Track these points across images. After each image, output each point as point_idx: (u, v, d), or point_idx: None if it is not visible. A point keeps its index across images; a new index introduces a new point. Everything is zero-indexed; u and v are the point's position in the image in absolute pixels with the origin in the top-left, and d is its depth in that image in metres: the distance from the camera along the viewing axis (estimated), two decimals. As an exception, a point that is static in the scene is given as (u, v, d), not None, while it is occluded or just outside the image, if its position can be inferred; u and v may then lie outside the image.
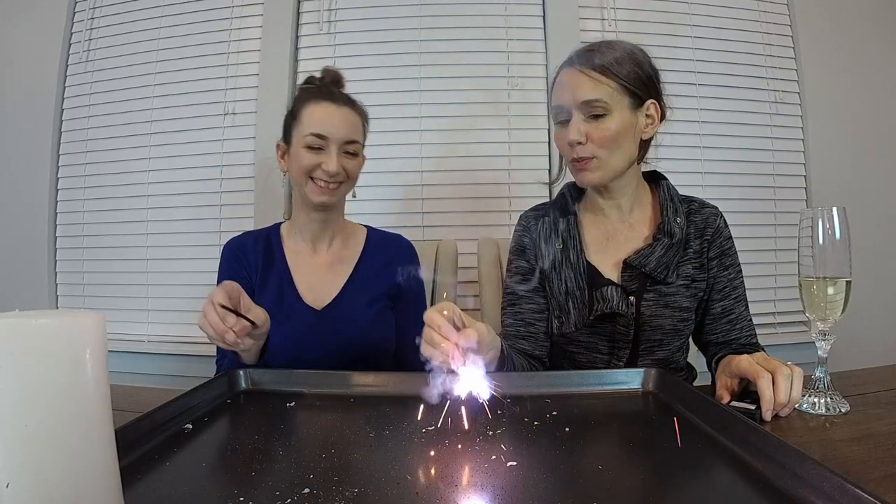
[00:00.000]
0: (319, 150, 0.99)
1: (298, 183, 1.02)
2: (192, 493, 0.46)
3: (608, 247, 0.95)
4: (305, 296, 1.04)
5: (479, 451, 0.53)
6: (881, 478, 0.48)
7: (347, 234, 1.13)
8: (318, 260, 1.09)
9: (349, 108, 1.03)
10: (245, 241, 1.09)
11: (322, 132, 0.98)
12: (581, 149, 0.87)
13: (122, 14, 1.81)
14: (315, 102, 1.01)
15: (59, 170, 1.83)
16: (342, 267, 1.09)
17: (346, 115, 1.02)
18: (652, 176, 1.01)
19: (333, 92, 1.03)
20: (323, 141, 0.98)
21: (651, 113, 0.89)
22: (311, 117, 1.00)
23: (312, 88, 1.04)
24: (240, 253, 1.08)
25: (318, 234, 1.09)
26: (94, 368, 0.36)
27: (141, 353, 1.70)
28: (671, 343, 0.93)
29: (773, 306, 1.70)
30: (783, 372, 0.64)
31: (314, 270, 1.08)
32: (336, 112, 1.00)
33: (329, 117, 1.00)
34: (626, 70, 0.86)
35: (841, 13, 1.75)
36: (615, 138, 0.86)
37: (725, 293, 0.93)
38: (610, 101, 0.85)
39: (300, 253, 1.09)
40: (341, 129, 1.00)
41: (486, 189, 1.69)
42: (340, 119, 1.00)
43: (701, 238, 0.93)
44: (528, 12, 1.73)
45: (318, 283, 1.06)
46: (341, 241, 1.12)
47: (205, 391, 0.71)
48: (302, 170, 1.00)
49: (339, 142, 0.99)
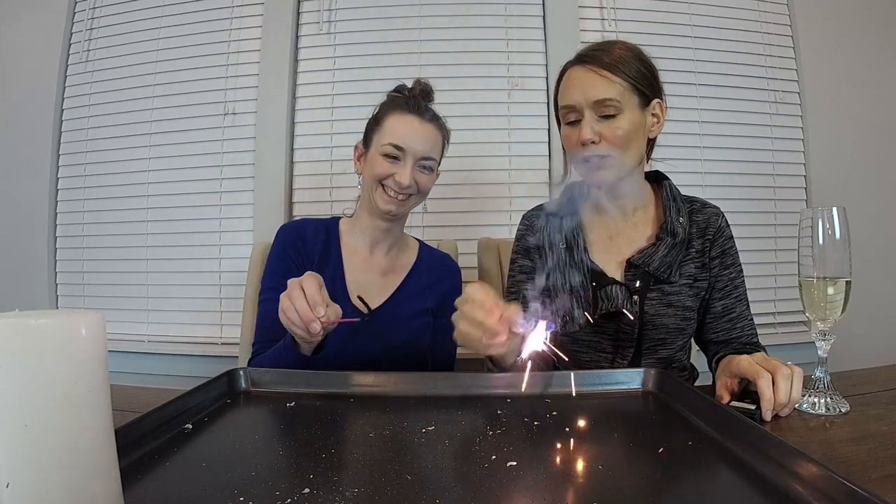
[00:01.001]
0: (395, 160, 0.99)
1: (369, 187, 1.02)
2: (192, 493, 0.46)
3: (611, 246, 0.96)
4: (355, 297, 1.03)
5: (479, 451, 0.53)
6: (881, 478, 0.48)
7: (403, 246, 1.14)
8: (373, 264, 1.09)
9: (433, 124, 1.03)
10: (305, 228, 1.08)
11: (402, 144, 0.98)
12: (595, 148, 0.86)
13: (122, 14, 1.81)
14: (400, 113, 1.01)
15: (59, 170, 1.82)
16: (394, 276, 1.09)
17: (428, 130, 1.01)
18: (654, 176, 1.01)
19: (420, 105, 1.03)
20: (400, 152, 0.98)
21: (657, 112, 0.90)
22: (393, 127, 1.00)
23: (400, 98, 1.04)
24: (298, 240, 1.06)
25: (378, 239, 1.09)
26: (94, 368, 0.36)
27: (141, 353, 1.70)
28: (674, 342, 0.93)
29: (773, 306, 1.70)
30: (783, 372, 0.64)
31: (367, 273, 1.07)
32: (419, 126, 1.00)
33: (411, 131, 0.99)
34: (634, 69, 0.86)
35: (841, 13, 1.75)
36: (627, 137, 0.86)
37: (726, 292, 0.94)
38: (622, 101, 0.85)
39: (357, 253, 1.09)
40: (421, 144, 1.00)
41: (486, 189, 1.69)
42: (422, 134, 1.00)
43: (703, 238, 0.94)
44: (528, 12, 1.73)
45: (369, 287, 1.05)
46: (397, 251, 1.12)
47: (205, 391, 0.70)
48: (375, 176, 1.00)
49: (416, 156, 0.99)
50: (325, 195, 1.70)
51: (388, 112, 1.02)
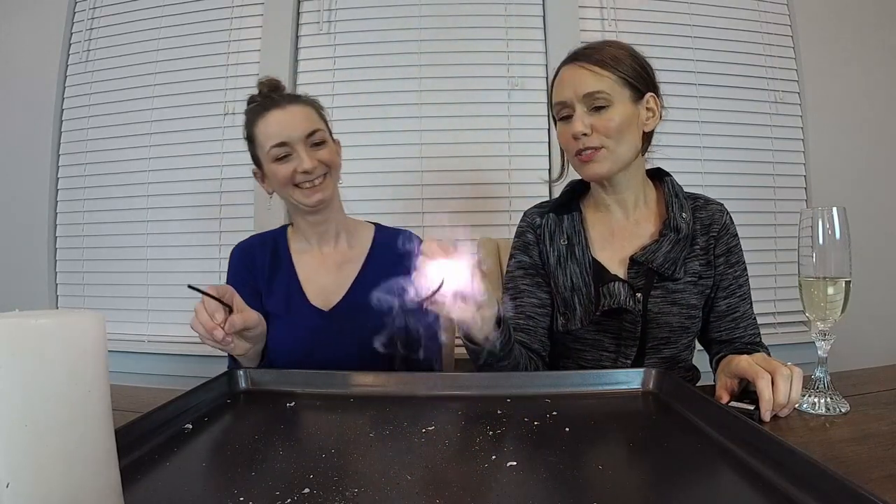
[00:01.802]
0: (287, 156, 0.98)
1: (287, 195, 1.01)
2: (192, 493, 0.46)
3: (613, 243, 0.95)
4: (313, 297, 1.03)
5: (479, 451, 0.53)
6: (881, 478, 0.48)
7: (353, 233, 1.12)
8: (325, 260, 1.08)
9: (294, 104, 1.01)
10: (252, 246, 1.09)
11: (280, 139, 0.97)
12: (587, 139, 0.87)
13: (122, 14, 1.81)
14: (262, 117, 1.00)
15: (59, 170, 1.83)
16: (350, 266, 1.07)
17: (293, 112, 1.00)
18: (656, 173, 1.01)
19: (274, 98, 1.02)
20: (286, 147, 0.97)
21: (651, 106, 0.91)
22: (264, 133, 0.99)
23: (255, 105, 1.03)
24: (247, 258, 1.07)
25: (321, 235, 1.08)
26: (94, 368, 0.36)
27: (141, 353, 1.70)
28: (678, 341, 0.93)
29: (773, 306, 1.70)
30: (782, 373, 0.64)
31: (321, 271, 1.06)
32: (284, 114, 0.99)
33: (279, 123, 0.98)
34: (624, 64, 0.88)
35: (841, 14, 1.75)
36: (620, 129, 0.87)
37: (731, 291, 0.93)
38: (611, 93, 0.86)
39: (306, 253, 1.08)
40: (297, 126, 0.98)
41: (486, 189, 1.69)
42: (291, 118, 0.99)
43: (707, 234, 0.93)
44: (528, 12, 1.73)
45: (326, 284, 1.05)
46: (347, 240, 1.10)
47: (205, 391, 0.71)
48: (282, 182, 0.99)
49: (300, 139, 0.98)
50: (325, 195, 1.70)
51: (252, 124, 1.01)
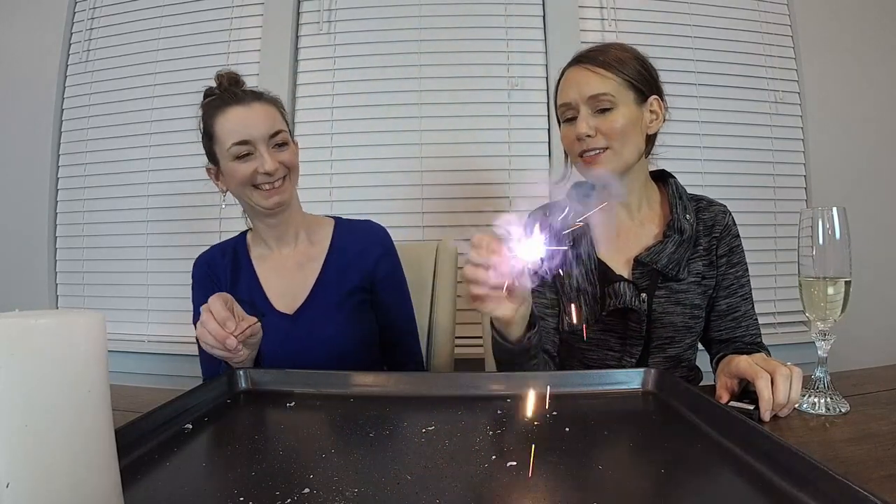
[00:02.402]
0: (248, 155, 0.94)
1: (244, 196, 0.98)
2: (192, 493, 0.46)
3: (618, 244, 0.96)
4: (276, 302, 1.00)
5: (479, 451, 0.53)
6: (881, 478, 0.48)
7: (312, 230, 1.08)
8: (285, 262, 1.05)
9: (258, 102, 0.97)
10: (213, 256, 1.08)
11: (243, 137, 0.93)
12: (591, 141, 0.88)
13: (122, 14, 1.81)
14: (222, 112, 0.95)
15: (59, 170, 1.82)
16: (311, 265, 1.04)
17: (257, 110, 0.96)
18: (659, 175, 1.01)
19: (236, 93, 0.97)
20: (248, 146, 0.93)
21: (655, 108, 0.92)
22: (224, 128, 0.94)
23: (214, 99, 0.99)
24: (208, 269, 1.06)
25: (279, 236, 1.05)
26: (94, 368, 0.36)
27: (141, 353, 1.70)
28: (683, 340, 0.94)
29: (773, 306, 1.70)
30: (782, 373, 0.64)
31: (282, 274, 1.03)
32: (247, 112, 0.95)
33: (242, 120, 0.94)
34: (628, 67, 0.89)
35: (841, 13, 1.75)
36: (623, 130, 0.87)
37: (732, 290, 0.94)
38: (616, 95, 0.87)
39: (266, 258, 1.05)
40: (260, 125, 0.94)
41: (486, 189, 1.69)
42: (255, 117, 0.95)
43: (710, 235, 0.95)
44: (528, 12, 1.73)
45: (288, 287, 1.02)
46: (306, 238, 1.07)
47: (205, 391, 0.71)
48: (241, 182, 0.95)
49: (263, 139, 0.94)
50: (324, 195, 1.70)
51: (212, 118, 0.96)
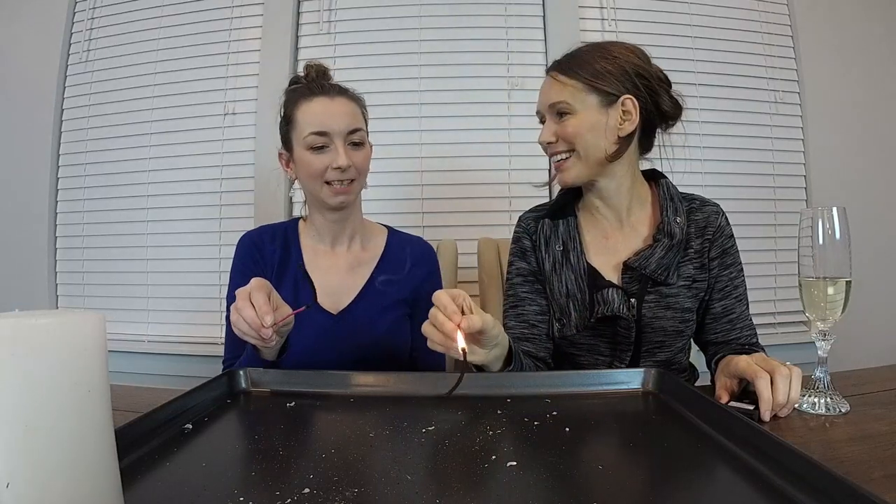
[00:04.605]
0: (323, 147, 0.94)
1: (313, 189, 0.97)
2: (192, 493, 0.46)
3: (608, 248, 0.95)
4: (322, 299, 0.99)
5: (479, 451, 0.53)
6: (881, 478, 0.48)
7: (367, 235, 1.08)
8: (337, 261, 1.04)
9: (343, 97, 0.97)
10: (262, 236, 1.04)
11: (322, 129, 0.93)
12: (554, 146, 0.91)
13: (122, 14, 1.81)
14: (307, 100, 0.95)
15: (59, 170, 1.83)
16: (361, 270, 1.04)
17: (341, 105, 0.96)
18: (651, 174, 1.00)
19: (323, 85, 0.98)
20: (325, 138, 0.93)
21: (628, 108, 0.88)
22: (306, 116, 0.94)
23: (301, 87, 0.99)
24: (256, 249, 1.02)
25: (336, 235, 1.04)
26: (94, 368, 0.36)
27: (141, 353, 1.70)
28: (673, 344, 0.93)
29: (773, 306, 1.70)
30: (782, 372, 0.64)
31: (332, 272, 1.02)
32: (331, 104, 0.95)
33: (325, 112, 0.94)
34: (592, 69, 0.87)
35: (841, 13, 1.75)
36: (579, 134, 0.88)
37: (726, 292, 0.93)
38: (572, 101, 0.88)
39: (318, 253, 1.04)
40: (341, 120, 0.94)
41: (486, 189, 1.69)
42: (337, 110, 0.95)
43: (702, 237, 0.93)
44: (528, 12, 1.73)
45: (336, 287, 1.01)
46: (360, 243, 1.06)
47: (205, 391, 0.70)
48: (312, 174, 0.94)
49: (342, 134, 0.94)
50: (325, 195, 1.70)
51: (295, 105, 0.96)
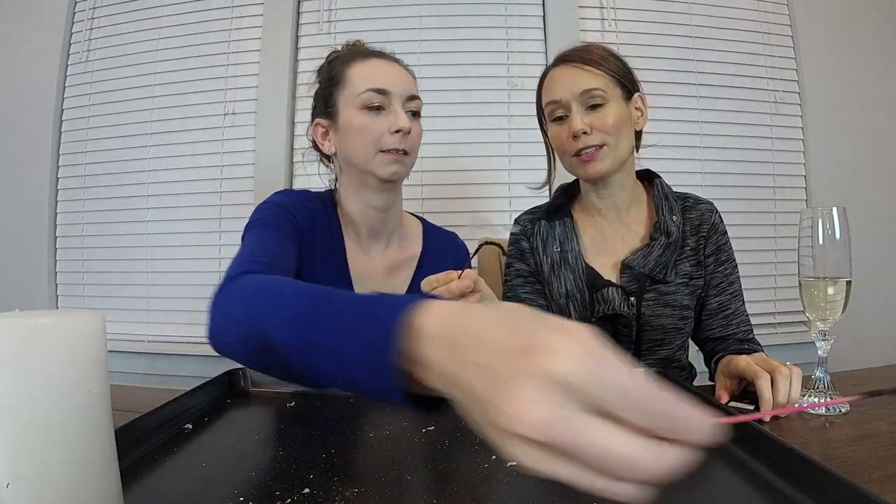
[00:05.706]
0: (381, 109, 0.82)
1: (361, 160, 0.83)
2: (192, 493, 0.46)
3: (606, 248, 0.95)
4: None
5: (479, 450, 0.53)
6: (881, 478, 0.48)
7: (404, 232, 0.98)
8: (373, 264, 0.93)
9: (401, 64, 0.88)
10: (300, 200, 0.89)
11: (382, 86, 0.81)
12: (588, 138, 0.87)
13: (122, 14, 1.81)
14: (362, 59, 0.84)
15: (59, 170, 1.82)
16: (400, 274, 0.94)
17: (400, 69, 0.86)
18: (645, 174, 1.01)
19: (373, 50, 0.88)
20: (384, 97, 0.82)
21: (639, 105, 0.93)
22: (363, 71, 0.83)
23: (355, 48, 0.91)
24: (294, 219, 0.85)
25: (376, 230, 0.92)
26: (94, 368, 0.36)
27: (141, 353, 1.70)
28: (673, 342, 0.93)
29: (773, 306, 1.70)
30: (782, 372, 0.65)
31: (370, 277, 0.92)
32: (390, 66, 0.85)
33: (385, 70, 0.84)
34: (613, 64, 0.90)
35: (841, 14, 1.75)
36: (617, 126, 0.88)
37: (721, 288, 0.94)
38: (607, 90, 0.88)
39: (356, 252, 0.92)
40: (401, 82, 0.84)
41: (486, 189, 1.69)
42: (397, 72, 0.85)
43: (697, 235, 0.94)
44: (528, 12, 1.73)
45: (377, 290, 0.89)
46: (398, 241, 0.96)
47: (205, 391, 0.71)
48: (366, 140, 0.81)
49: (401, 97, 0.83)
50: (325, 195, 1.70)
51: (345, 65, 0.85)
